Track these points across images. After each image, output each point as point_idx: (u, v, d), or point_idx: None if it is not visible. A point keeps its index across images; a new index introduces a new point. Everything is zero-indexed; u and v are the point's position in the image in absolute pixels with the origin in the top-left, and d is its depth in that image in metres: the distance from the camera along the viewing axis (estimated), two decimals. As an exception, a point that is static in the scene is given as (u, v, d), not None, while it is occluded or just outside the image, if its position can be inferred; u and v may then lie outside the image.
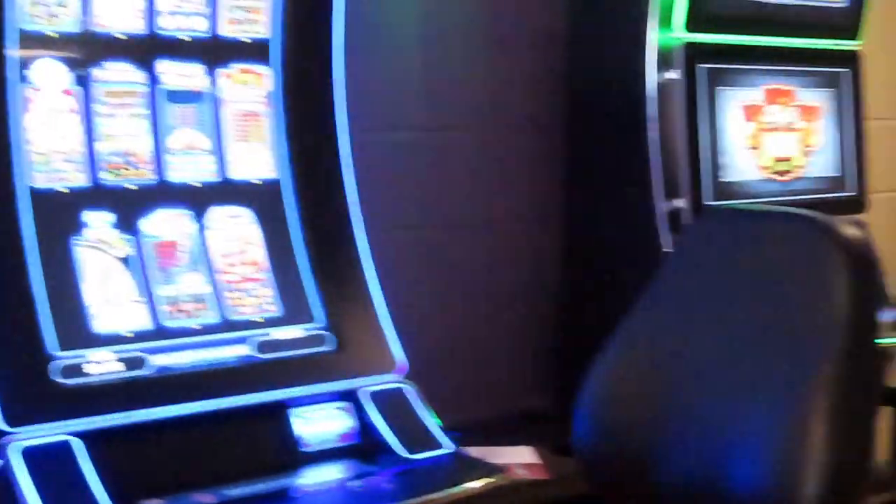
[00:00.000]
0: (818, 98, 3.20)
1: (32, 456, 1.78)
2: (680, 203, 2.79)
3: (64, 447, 1.82)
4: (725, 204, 2.89)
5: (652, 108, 2.78)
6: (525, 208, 3.09)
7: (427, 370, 2.30)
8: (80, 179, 2.03)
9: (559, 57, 3.05)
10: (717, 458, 1.81)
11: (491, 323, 3.04)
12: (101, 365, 1.94)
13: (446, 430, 2.16)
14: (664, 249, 2.72)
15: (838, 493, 1.69)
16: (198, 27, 2.17)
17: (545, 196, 3.09)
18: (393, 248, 2.55)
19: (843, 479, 1.71)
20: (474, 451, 2.49)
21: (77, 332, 1.95)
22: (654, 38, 2.79)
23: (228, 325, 2.12)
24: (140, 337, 2.01)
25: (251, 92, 2.25)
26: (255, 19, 2.24)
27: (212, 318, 2.11)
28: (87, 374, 1.91)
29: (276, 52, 2.27)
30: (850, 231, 1.77)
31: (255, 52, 2.25)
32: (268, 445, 2.04)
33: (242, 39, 2.23)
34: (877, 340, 1.91)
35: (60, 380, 1.89)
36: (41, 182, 1.98)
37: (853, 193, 3.25)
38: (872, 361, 1.91)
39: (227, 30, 2.21)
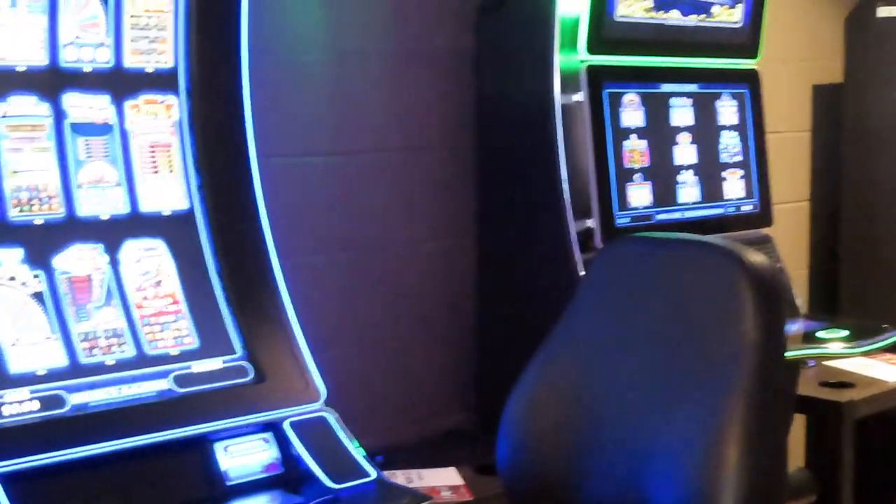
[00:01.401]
0: (730, 109, 3.29)
1: (-51, 500, 1.77)
2: (590, 223, 2.86)
3: (-18, 491, 1.80)
4: (636, 224, 2.97)
5: (559, 130, 2.83)
6: (439, 230, 3.13)
7: (349, 395, 2.33)
8: (-13, 216, 2.03)
9: (468, 78, 3.11)
10: (638, 478, 1.87)
11: (410, 344, 3.07)
12: (17, 405, 1.91)
13: (370, 455, 2.17)
14: (577, 269, 2.77)
15: (756, 507, 1.76)
16: (101, 58, 2.16)
17: (459, 217, 3.14)
18: (309, 273, 2.59)
19: (760, 493, 1.78)
20: (399, 476, 2.52)
21: (-9, 370, 1.95)
22: (558, 60, 2.84)
23: (146, 360, 2.10)
24: (56, 375, 1.99)
25: (159, 122, 2.24)
26: (160, 49, 2.24)
27: (129, 353, 2.09)
28: (2, 415, 1.89)
29: (182, 81, 2.27)
30: (757, 257, 1.86)
31: (161, 81, 2.25)
32: (193, 480, 2.02)
33: (147, 70, 2.23)
34: (786, 355, 2.00)
35: (-25, 420, 1.88)
36: (-53, 220, 1.98)
37: (758, 209, 3.33)
38: (782, 379, 1.98)
39: (131, 60, 2.20)
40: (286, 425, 2.13)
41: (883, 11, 3.96)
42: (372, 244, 3.00)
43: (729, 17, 3.21)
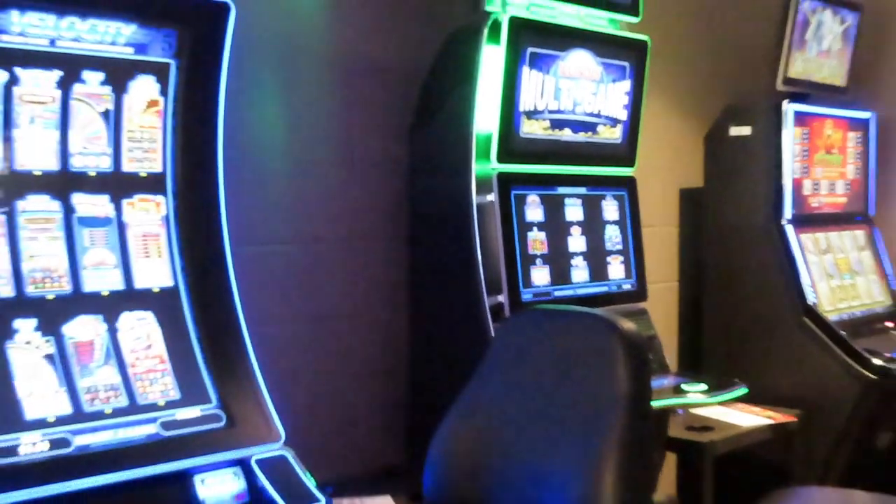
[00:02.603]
0: (613, 208, 3.33)
1: (-28, 526, 1.76)
2: (501, 298, 2.88)
3: (0, 518, 1.79)
4: (537, 299, 2.99)
5: (475, 224, 2.86)
6: (379, 304, 3.14)
7: (306, 437, 2.32)
8: (6, 291, 2.02)
9: (402, 180, 3.14)
10: (534, 499, 1.90)
11: (355, 396, 3.07)
12: (31, 446, 1.92)
13: (321, 486, 2.16)
14: (490, 335, 2.78)
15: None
16: (103, 165, 2.18)
17: (395, 293, 3.15)
18: (273, 339, 2.55)
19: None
20: (345, 503, 2.53)
21: (10, 418, 1.93)
22: (474, 168, 2.88)
23: (137, 409, 2.10)
24: (63, 420, 1.99)
25: (150, 216, 2.26)
26: (151, 157, 2.26)
27: (123, 402, 2.09)
28: (18, 454, 1.89)
29: (169, 183, 2.28)
30: (627, 325, 1.90)
31: (152, 184, 2.26)
32: (176, 508, 2.03)
33: (141, 174, 2.24)
34: (652, 403, 2.05)
35: (-4, 460, 1.87)
36: (-23, 296, 1.98)
37: (636, 287, 3.35)
38: (649, 421, 2.03)
39: (128, 166, 2.22)
40: (252, 462, 2.13)
41: (734, 130, 4.08)
42: (323, 315, 3.01)
43: (611, 134, 3.26)
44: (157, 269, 2.26)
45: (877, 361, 3.76)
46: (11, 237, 2.06)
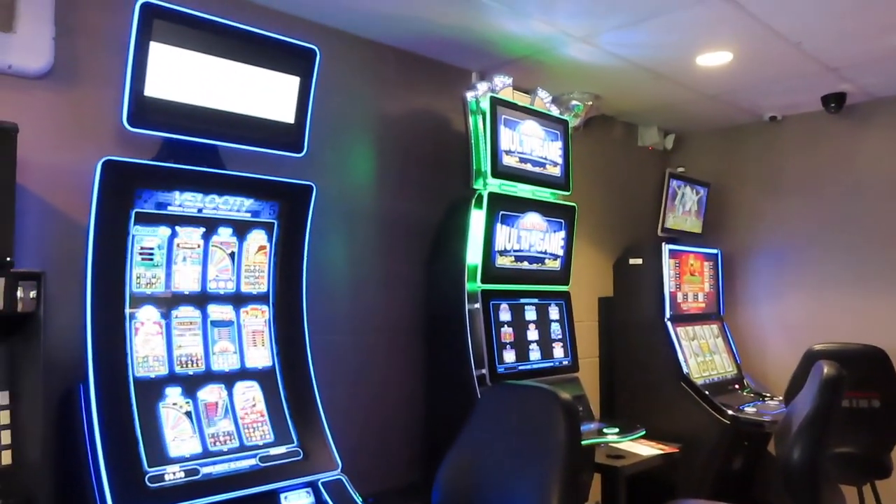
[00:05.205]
0: (555, 311, 3.23)
1: (132, 530, 1.71)
2: (483, 371, 2.82)
3: (150, 524, 1.74)
4: (508, 371, 2.92)
5: (467, 323, 2.83)
6: (407, 371, 3.07)
7: (355, 463, 2.26)
8: (162, 370, 2.00)
9: (422, 294, 3.11)
10: None
11: (389, 434, 2.98)
12: (172, 475, 1.88)
13: (365, 498, 2.10)
14: (477, 395, 2.72)
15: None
16: (229, 287, 2.19)
17: (416, 365, 3.08)
18: (335, 397, 2.49)
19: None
20: (381, 513, 2.44)
21: (159, 455, 1.90)
22: (466, 286, 2.87)
23: (244, 448, 2.06)
24: (195, 457, 1.96)
25: (258, 320, 2.25)
26: (260, 281, 2.26)
27: (235, 444, 2.05)
28: (164, 480, 1.85)
29: (271, 298, 2.27)
30: (564, 395, 1.84)
31: (260, 298, 2.26)
32: (267, 516, 1.97)
33: (253, 292, 2.24)
34: (583, 443, 1.97)
35: (149, 484, 1.82)
36: (140, 373, 1.96)
37: (571, 362, 3.26)
38: (580, 458, 1.98)
39: (245, 287, 2.23)
40: (319, 484, 2.08)
41: (632, 261, 4.04)
42: (369, 380, 2.94)
43: (553, 265, 3.23)
44: (261, 354, 2.24)
45: (730, 412, 3.65)
46: (168, 334, 2.05)
